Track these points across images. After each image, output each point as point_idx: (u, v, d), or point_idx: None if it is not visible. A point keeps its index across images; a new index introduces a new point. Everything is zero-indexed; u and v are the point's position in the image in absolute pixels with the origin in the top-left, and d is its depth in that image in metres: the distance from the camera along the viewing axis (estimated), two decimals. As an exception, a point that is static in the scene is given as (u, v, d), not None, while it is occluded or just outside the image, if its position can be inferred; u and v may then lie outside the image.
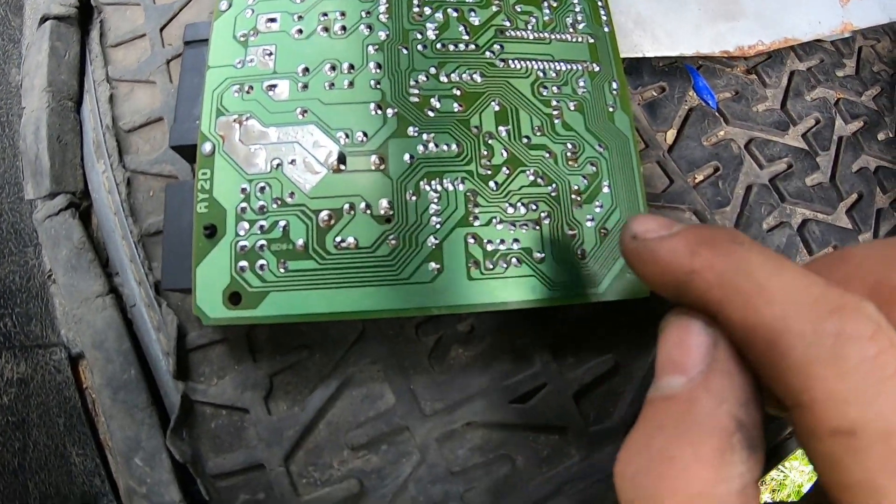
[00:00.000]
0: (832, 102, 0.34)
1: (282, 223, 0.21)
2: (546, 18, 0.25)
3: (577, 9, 0.25)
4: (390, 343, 0.22)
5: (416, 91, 0.22)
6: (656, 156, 0.27)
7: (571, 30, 0.25)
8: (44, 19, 0.28)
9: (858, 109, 0.34)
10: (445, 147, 0.22)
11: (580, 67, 0.24)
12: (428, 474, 0.20)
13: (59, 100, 0.27)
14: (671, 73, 0.30)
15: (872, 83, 0.36)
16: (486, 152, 0.22)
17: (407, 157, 0.22)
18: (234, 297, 0.20)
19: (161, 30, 0.28)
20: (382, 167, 0.21)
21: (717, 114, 0.30)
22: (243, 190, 0.21)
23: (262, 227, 0.21)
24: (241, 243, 0.21)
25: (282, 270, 0.20)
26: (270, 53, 0.23)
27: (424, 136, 0.22)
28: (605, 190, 0.23)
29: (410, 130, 0.22)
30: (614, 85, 0.24)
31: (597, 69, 0.24)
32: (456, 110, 0.22)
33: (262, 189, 0.21)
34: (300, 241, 0.21)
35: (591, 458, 0.21)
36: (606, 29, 0.25)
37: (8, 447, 0.21)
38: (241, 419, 0.22)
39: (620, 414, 0.23)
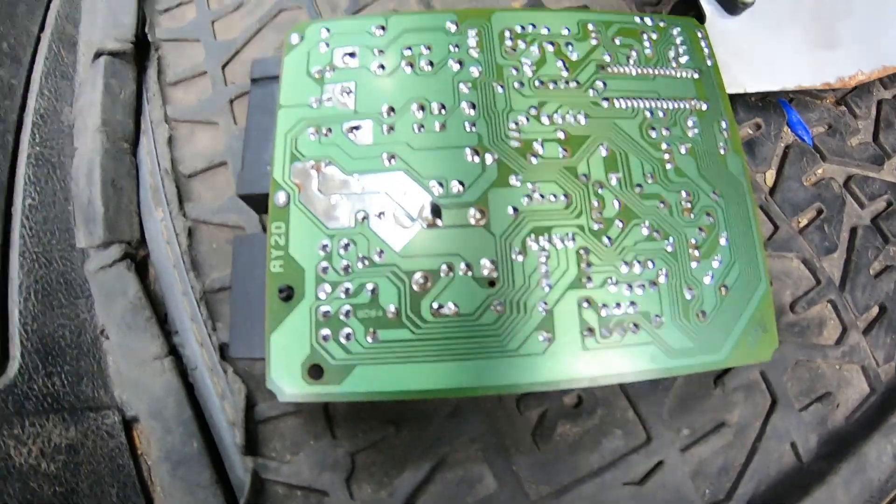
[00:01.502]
0: None
1: (370, 286, 0.17)
2: (648, 52, 0.21)
3: (679, 41, 0.22)
4: (489, 418, 0.19)
5: (517, 134, 0.19)
6: (759, 200, 0.24)
7: (675, 64, 0.21)
8: (98, 55, 0.25)
9: None
10: (553, 198, 0.18)
11: (688, 106, 0.21)
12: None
13: (114, 141, 0.24)
14: (765, 108, 0.26)
15: None
16: (596, 203, 0.19)
17: (510, 209, 0.18)
18: (314, 371, 0.17)
19: (223, 67, 0.25)
20: (483, 222, 0.18)
21: (813, 150, 0.26)
22: (324, 247, 0.18)
23: (346, 290, 0.17)
24: (323, 308, 0.17)
25: (370, 341, 0.17)
26: (350, 91, 0.20)
27: (529, 186, 0.18)
28: (723, 242, 0.19)
29: (513, 179, 0.18)
30: (724, 124, 0.21)
31: (704, 108, 0.21)
32: (561, 156, 0.19)
33: (346, 246, 0.18)
34: (392, 307, 0.17)
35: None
36: (710, 63, 0.22)
37: None
38: (320, 502, 0.18)
39: (743, 492, 0.19)
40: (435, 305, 0.18)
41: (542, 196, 0.19)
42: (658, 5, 0.28)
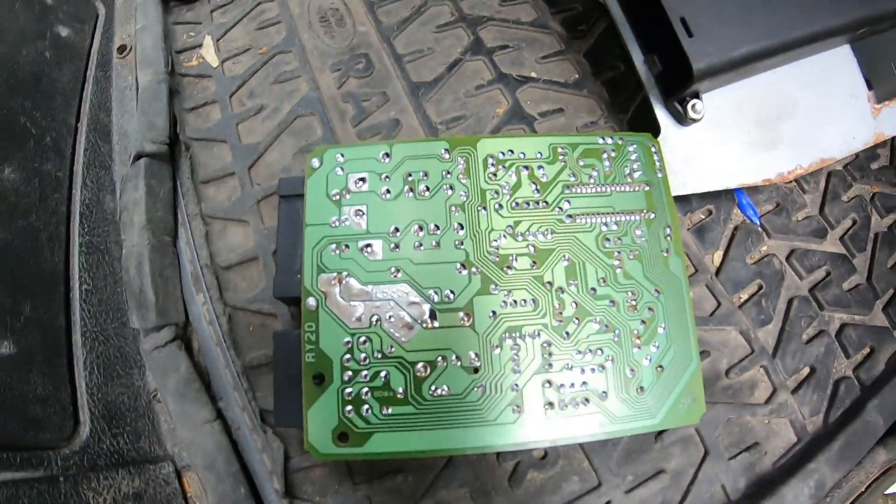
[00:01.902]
0: (868, 199, 0.38)
1: (383, 373, 0.26)
2: (606, 170, 0.30)
3: (633, 157, 0.30)
4: (474, 469, 0.28)
5: (496, 251, 0.27)
6: (705, 280, 0.32)
7: (629, 179, 0.30)
8: (137, 156, 0.33)
9: (893, 202, 0.39)
10: (523, 303, 0.27)
11: (638, 217, 0.29)
12: None
13: (158, 236, 0.32)
14: (716, 194, 0.34)
15: None
16: (557, 305, 0.27)
17: (490, 312, 0.27)
18: (342, 437, 0.26)
19: (249, 169, 0.33)
20: (469, 322, 0.27)
21: (759, 229, 0.34)
22: (346, 343, 0.26)
23: (365, 375, 0.26)
24: (347, 390, 0.26)
25: (384, 414, 0.26)
26: (362, 213, 0.28)
27: (504, 294, 0.27)
28: (661, 331, 0.28)
29: (492, 288, 0.27)
30: (668, 230, 0.29)
31: (652, 217, 0.29)
32: (531, 268, 0.27)
33: (364, 342, 0.26)
34: (400, 390, 0.26)
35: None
36: (660, 175, 0.30)
37: None
38: (344, 536, 0.27)
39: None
40: (433, 388, 0.26)
41: (515, 301, 0.27)
42: (626, 102, 0.36)
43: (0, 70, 0.32)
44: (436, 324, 0.26)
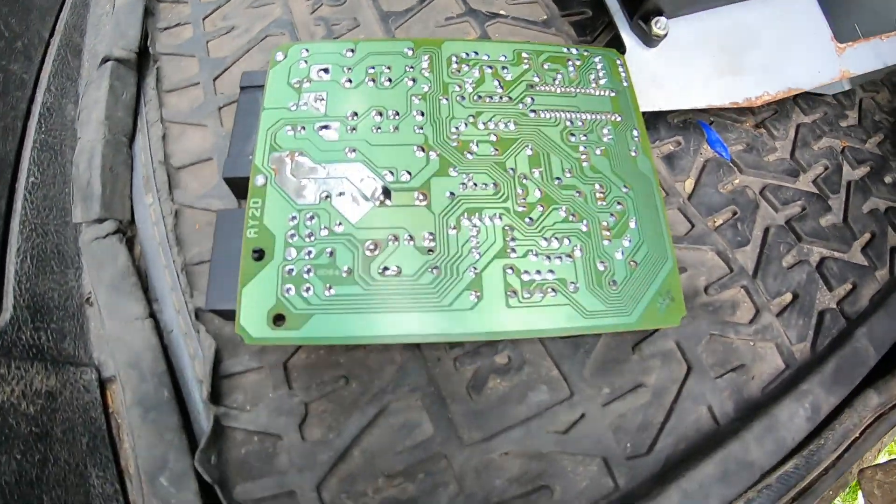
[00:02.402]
0: (838, 150, 0.39)
1: (328, 249, 0.24)
2: (571, 75, 0.30)
3: (599, 66, 0.31)
4: (428, 373, 0.25)
5: (456, 136, 0.27)
6: (677, 203, 0.32)
7: (594, 85, 0.30)
8: (104, 60, 0.33)
9: (864, 155, 0.39)
10: (484, 186, 0.26)
11: (604, 117, 0.29)
12: (466, 505, 0.22)
13: (114, 133, 0.31)
14: (685, 128, 0.35)
15: (875, 131, 0.41)
16: (521, 191, 0.26)
17: (448, 194, 0.26)
18: (278, 319, 0.23)
19: (214, 80, 0.33)
20: (425, 203, 0.26)
21: (731, 164, 0.35)
22: (293, 218, 0.25)
23: (309, 252, 0.24)
24: (288, 267, 0.24)
25: (327, 294, 0.24)
26: (322, 99, 0.28)
27: (464, 177, 0.26)
28: (633, 226, 0.27)
29: (451, 171, 0.26)
30: (635, 133, 0.29)
31: (619, 119, 0.29)
32: (492, 154, 0.27)
33: (311, 218, 0.25)
34: (346, 267, 0.24)
35: (630, 489, 0.23)
36: (625, 84, 0.31)
37: (28, 458, 0.23)
38: (274, 445, 0.24)
39: (661, 447, 0.25)
40: (382, 267, 0.25)
41: (475, 184, 0.26)
42: (593, 42, 0.38)
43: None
44: (389, 202, 0.25)
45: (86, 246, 0.28)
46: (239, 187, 0.28)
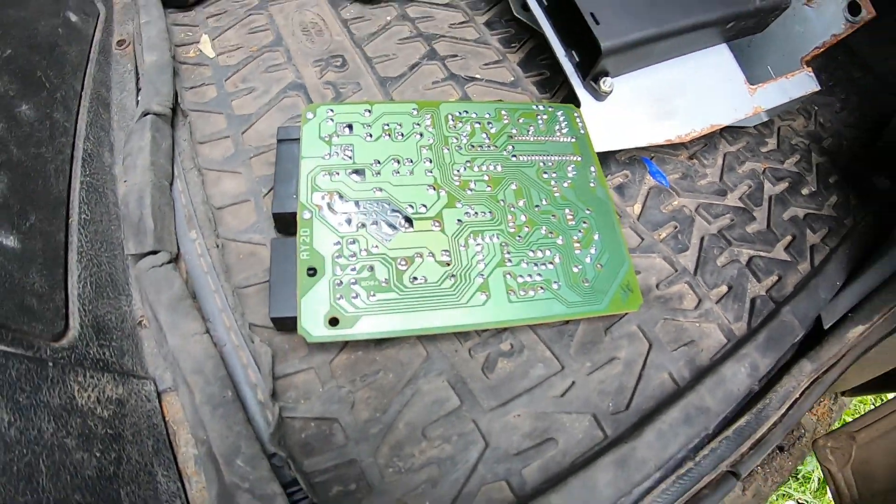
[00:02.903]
0: (760, 172, 0.51)
1: (369, 266, 0.32)
2: (541, 127, 0.40)
3: (561, 119, 0.41)
4: (450, 361, 0.32)
5: (458, 177, 0.36)
6: (629, 222, 0.42)
7: (559, 133, 0.40)
8: (145, 113, 0.40)
9: (782, 174, 0.51)
10: (483, 214, 0.35)
11: (568, 158, 0.39)
12: (492, 456, 0.29)
13: (158, 178, 0.37)
14: (631, 163, 0.45)
15: (792, 153, 0.54)
16: (511, 217, 0.35)
17: (457, 220, 0.34)
18: (333, 321, 0.30)
19: (242, 133, 0.40)
20: (440, 228, 0.34)
21: (670, 190, 0.45)
22: (336, 243, 0.32)
23: (353, 268, 0.32)
24: (338, 281, 0.31)
25: (371, 300, 0.31)
26: (350, 150, 0.36)
27: (468, 208, 0.35)
28: (596, 238, 0.36)
29: (457, 204, 0.35)
30: (592, 169, 0.39)
31: (579, 159, 0.39)
32: (487, 190, 0.36)
33: (353, 242, 0.32)
34: (384, 278, 0.32)
35: (616, 435, 0.31)
36: (583, 131, 0.41)
37: (106, 455, 0.27)
38: (329, 427, 0.30)
39: (635, 404, 0.33)
40: (412, 277, 0.32)
41: (476, 213, 0.35)
42: (553, 97, 0.49)
43: (23, 31, 0.38)
44: (412, 229, 0.33)
45: (143, 273, 0.33)
46: (281, 221, 0.35)
